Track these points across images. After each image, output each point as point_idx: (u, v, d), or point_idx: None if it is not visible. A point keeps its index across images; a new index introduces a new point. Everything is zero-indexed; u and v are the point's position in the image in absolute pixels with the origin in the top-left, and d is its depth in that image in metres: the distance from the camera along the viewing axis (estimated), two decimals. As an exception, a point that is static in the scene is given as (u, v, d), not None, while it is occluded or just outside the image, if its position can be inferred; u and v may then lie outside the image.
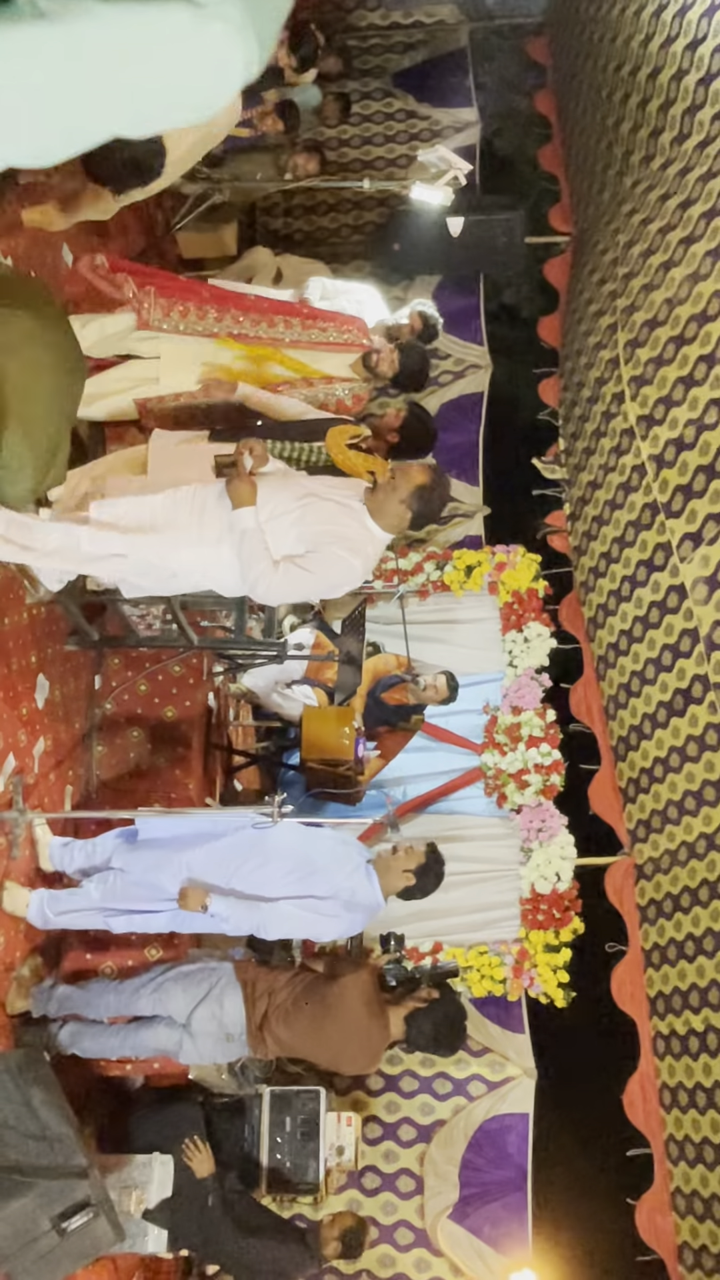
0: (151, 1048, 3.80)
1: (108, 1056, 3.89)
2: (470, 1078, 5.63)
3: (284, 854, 3.56)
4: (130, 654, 4.61)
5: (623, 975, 5.56)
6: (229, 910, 3.46)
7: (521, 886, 5.74)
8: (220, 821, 3.71)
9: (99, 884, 3.63)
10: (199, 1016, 3.70)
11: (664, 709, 5.36)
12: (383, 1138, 5.53)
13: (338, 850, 3.64)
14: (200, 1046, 3.72)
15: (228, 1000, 3.71)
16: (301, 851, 3.59)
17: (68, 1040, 3.78)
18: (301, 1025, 3.64)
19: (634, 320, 5.63)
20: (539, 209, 7.38)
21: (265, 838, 3.54)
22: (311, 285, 5.08)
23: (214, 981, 3.76)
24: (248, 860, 3.53)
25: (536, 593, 6.27)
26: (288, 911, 3.48)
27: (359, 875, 3.58)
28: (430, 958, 5.63)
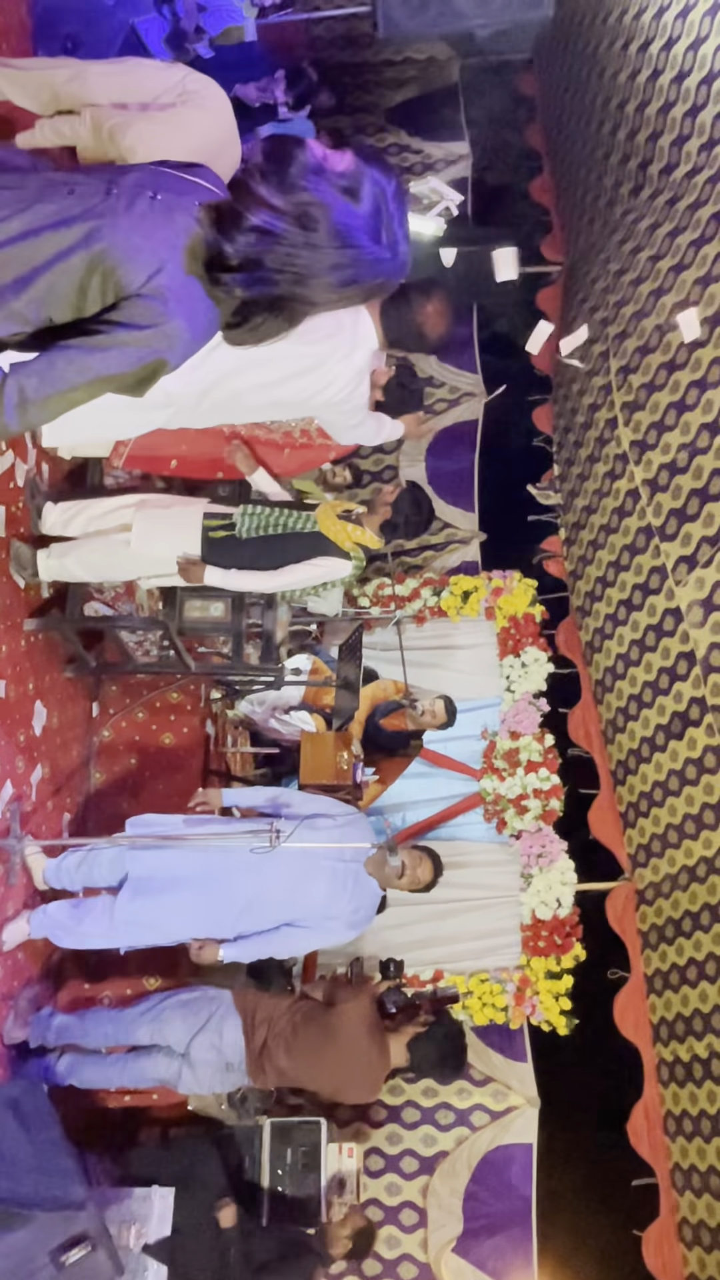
0: (150, 1078, 3.77)
1: (106, 1087, 3.86)
2: (473, 1107, 5.57)
3: (285, 881, 3.56)
4: (128, 681, 4.63)
5: (625, 1002, 5.52)
6: (241, 952, 3.49)
7: (522, 913, 5.72)
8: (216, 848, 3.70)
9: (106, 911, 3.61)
10: (198, 1045, 3.67)
11: (662, 732, 5.36)
12: (385, 1170, 5.46)
13: (336, 868, 3.63)
14: (199, 1076, 3.69)
15: (227, 1029, 3.68)
16: (303, 875, 3.59)
17: (65, 1070, 3.75)
18: (301, 1054, 3.62)
19: (625, 347, 5.70)
20: (530, 239, 7.47)
21: (265, 867, 3.53)
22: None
23: (213, 1010, 3.74)
24: (253, 899, 3.54)
25: (533, 617, 6.29)
26: (293, 932, 3.50)
27: (360, 890, 3.59)
28: (431, 985, 5.60)
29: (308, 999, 3.83)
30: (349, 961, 5.01)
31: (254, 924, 3.61)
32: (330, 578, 3.88)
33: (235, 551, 3.83)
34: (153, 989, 4.14)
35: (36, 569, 3.86)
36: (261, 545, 3.83)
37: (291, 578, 3.85)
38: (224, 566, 3.82)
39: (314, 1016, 3.67)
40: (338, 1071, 3.64)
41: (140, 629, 4.11)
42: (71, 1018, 3.79)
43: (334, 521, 3.84)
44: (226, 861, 3.58)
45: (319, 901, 3.55)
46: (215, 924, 3.62)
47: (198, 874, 3.59)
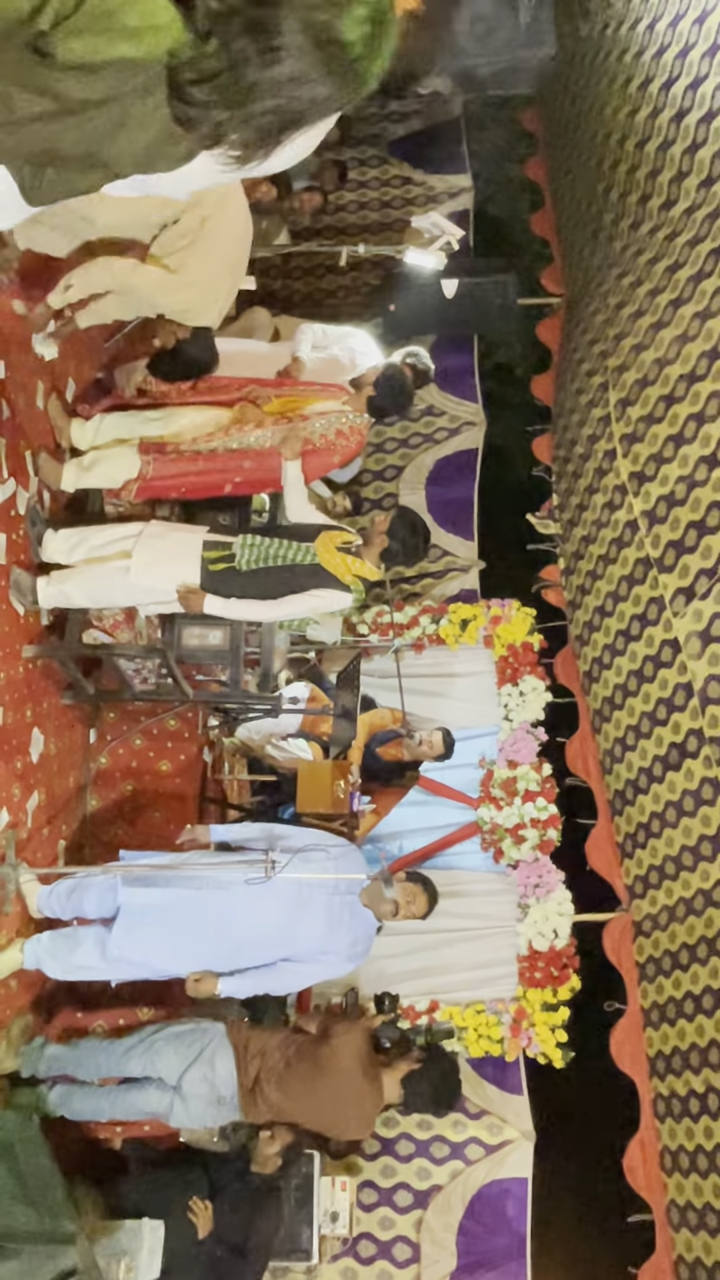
0: (142, 1110, 3.74)
1: (97, 1119, 3.83)
2: (468, 1141, 5.52)
3: (282, 916, 3.55)
4: (125, 707, 4.63)
5: (621, 1035, 5.48)
6: (239, 987, 3.48)
7: (519, 943, 5.69)
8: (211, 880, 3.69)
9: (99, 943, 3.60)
10: (190, 1078, 3.65)
11: (659, 763, 5.36)
12: (378, 1203, 5.40)
13: (332, 901, 3.62)
14: (191, 1109, 3.67)
15: (219, 1062, 3.66)
16: (299, 910, 3.57)
17: (57, 1101, 3.73)
18: (294, 1088, 3.59)
19: (625, 379, 5.74)
20: (531, 271, 7.55)
21: (262, 901, 3.52)
22: (303, 334, 5.19)
23: (205, 1043, 3.71)
24: (248, 933, 3.53)
25: (531, 646, 6.30)
26: (291, 968, 3.49)
27: (357, 922, 3.58)
28: (427, 1016, 5.56)
29: (301, 1032, 3.81)
30: (344, 992, 5.00)
31: (249, 962, 3.59)
32: (329, 609, 3.91)
33: (234, 582, 3.84)
34: (145, 1020, 4.12)
35: (36, 596, 3.88)
36: (261, 576, 3.85)
37: (291, 608, 3.86)
38: (224, 596, 3.83)
39: (307, 1051, 3.64)
40: (330, 1107, 3.61)
41: (139, 657, 4.12)
42: (64, 1048, 3.76)
43: (333, 554, 3.86)
44: (221, 899, 3.56)
45: (316, 936, 3.53)
46: (210, 958, 3.61)
47: (192, 911, 3.57)
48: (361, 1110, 3.60)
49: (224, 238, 3.87)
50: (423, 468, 7.09)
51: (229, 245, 3.92)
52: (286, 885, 3.55)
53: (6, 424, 3.78)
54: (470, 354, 7.33)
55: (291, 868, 3.45)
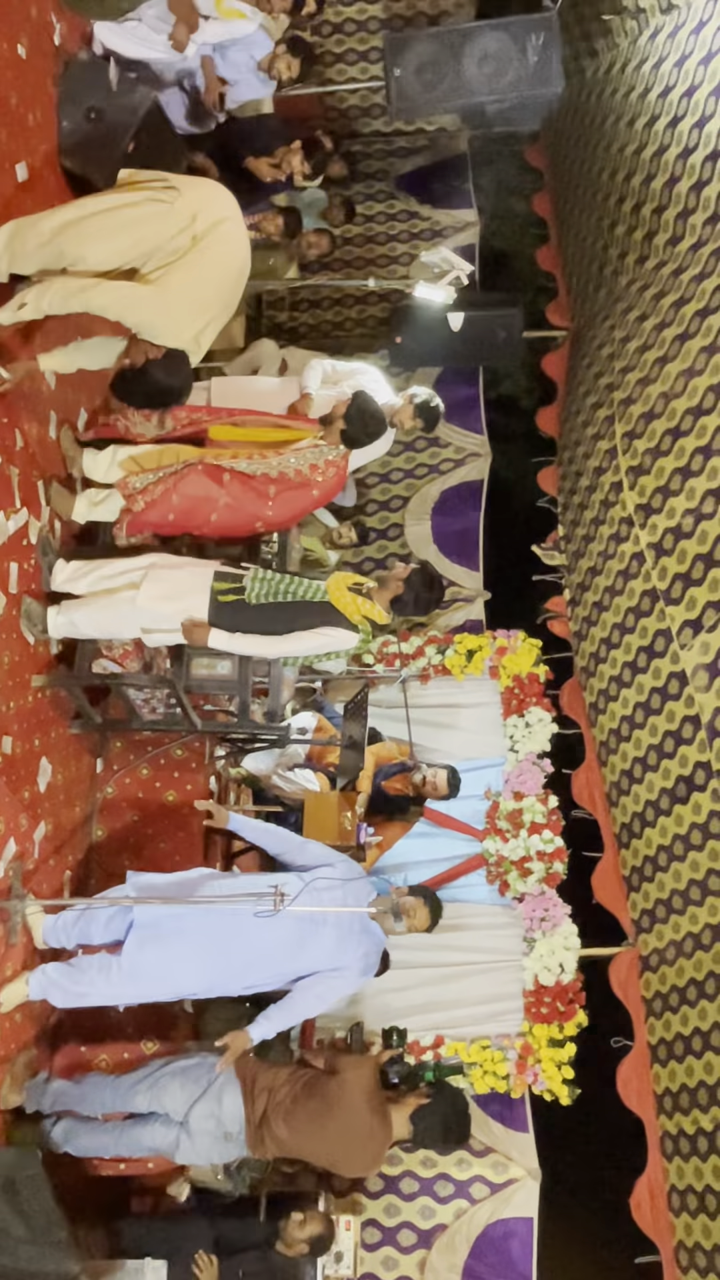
0: (147, 1146, 3.71)
1: (101, 1155, 3.79)
2: (472, 1179, 5.46)
3: (293, 944, 3.55)
4: (133, 737, 4.63)
5: (629, 1072, 5.43)
6: (269, 1030, 3.51)
7: (524, 978, 5.65)
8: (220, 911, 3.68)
9: (103, 970, 3.58)
10: (197, 1114, 3.62)
11: (667, 796, 5.35)
12: (381, 1243, 5.33)
13: (341, 924, 3.62)
14: (198, 1145, 3.63)
15: (226, 1097, 3.63)
16: (310, 937, 3.58)
17: (61, 1137, 3.69)
18: (302, 1124, 3.56)
19: (631, 413, 5.79)
20: (536, 305, 7.63)
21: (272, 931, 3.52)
22: (312, 369, 5.22)
23: (213, 1078, 3.68)
24: (258, 961, 3.53)
25: (538, 677, 6.30)
26: (313, 990, 3.48)
27: (367, 941, 3.58)
28: (432, 1051, 5.52)
29: (308, 1067, 3.78)
30: (349, 1027, 4.95)
31: (262, 976, 3.57)
32: (336, 648, 3.91)
33: (243, 615, 3.86)
34: (150, 1053, 4.09)
35: (46, 625, 3.89)
36: (270, 611, 3.86)
37: (297, 645, 3.87)
38: (230, 630, 3.84)
39: (315, 1086, 3.61)
40: (338, 1143, 3.58)
41: (148, 687, 4.13)
42: (69, 1084, 3.73)
43: (344, 593, 3.87)
44: (233, 914, 3.56)
45: (328, 950, 3.52)
46: (223, 974, 3.59)
47: (204, 923, 3.57)
48: (370, 1147, 3.57)
49: (215, 265, 3.72)
50: (428, 498, 7.13)
51: (219, 273, 3.75)
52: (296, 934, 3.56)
53: (20, 454, 3.81)
54: (476, 386, 7.39)
55: (302, 898, 3.44)
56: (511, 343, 6.90)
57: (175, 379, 3.65)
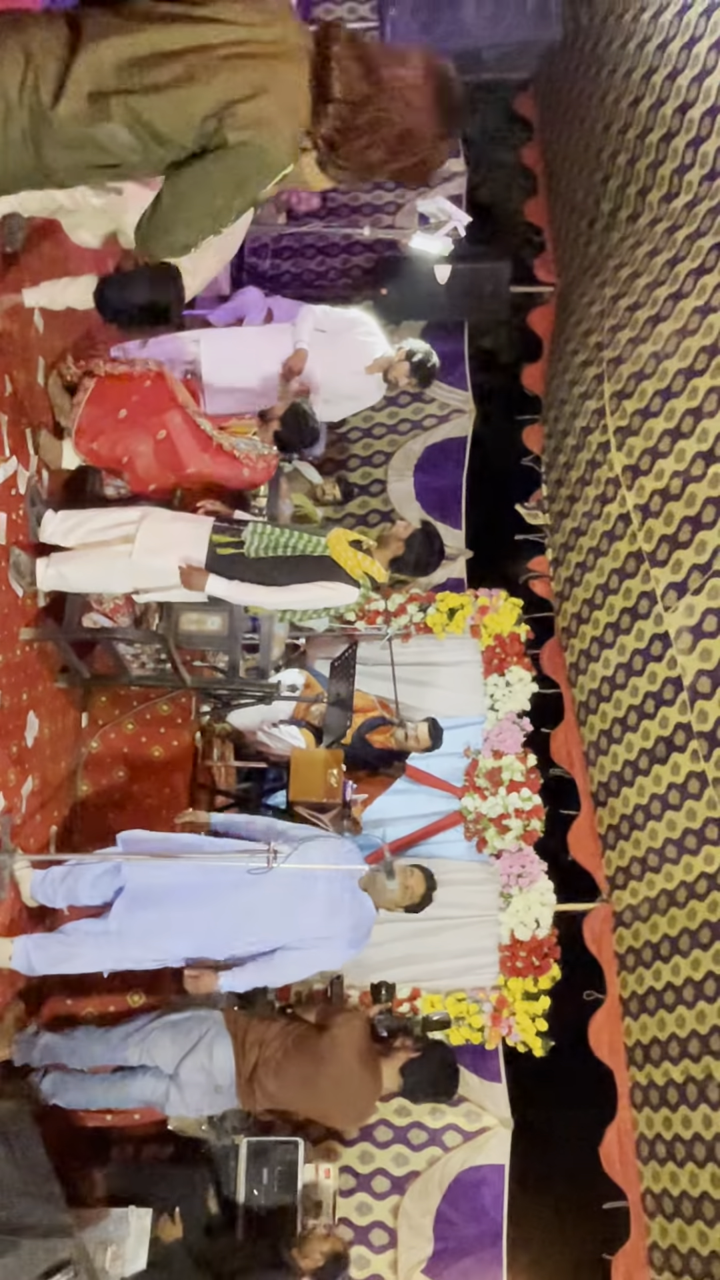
0: (137, 1099, 3.73)
1: (90, 1107, 3.81)
2: (446, 1127, 5.56)
3: (282, 903, 3.54)
4: (118, 692, 4.57)
5: (600, 1024, 5.55)
6: (240, 981, 3.46)
7: (501, 933, 5.73)
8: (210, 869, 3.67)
9: (90, 935, 3.56)
10: (187, 1067, 3.64)
11: (646, 756, 5.41)
12: (356, 1189, 5.43)
13: (331, 889, 3.63)
14: (188, 1098, 3.66)
15: (217, 1051, 3.65)
16: (299, 896, 3.57)
17: (50, 1090, 3.70)
18: (292, 1078, 3.60)
19: (621, 372, 5.75)
20: (522, 259, 7.52)
21: (262, 888, 3.51)
22: (303, 317, 5.12)
23: (203, 1031, 3.70)
24: (247, 917, 3.51)
25: (519, 637, 6.32)
26: (291, 961, 3.46)
27: (357, 908, 3.59)
28: (409, 1004, 5.59)
29: (299, 1021, 3.81)
30: (328, 980, 5.00)
31: (251, 941, 3.57)
32: (335, 603, 3.88)
33: (242, 567, 3.81)
34: (136, 1006, 4.10)
35: (35, 578, 3.81)
36: (269, 564, 3.82)
37: (296, 596, 3.84)
38: (227, 578, 3.79)
39: (306, 1041, 3.64)
40: (329, 1097, 3.62)
41: (139, 642, 4.07)
42: (58, 1037, 3.73)
43: (346, 548, 3.83)
44: (223, 880, 3.55)
45: (316, 921, 3.53)
46: (211, 939, 3.59)
47: (195, 887, 3.56)
48: (360, 1100, 3.62)
49: None
50: (411, 455, 7.06)
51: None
52: (287, 872, 3.54)
53: (7, 401, 3.70)
54: (461, 341, 7.30)
55: (295, 858, 3.44)
56: (499, 297, 6.83)
57: (167, 293, 3.46)
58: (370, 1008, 3.98)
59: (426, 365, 5.08)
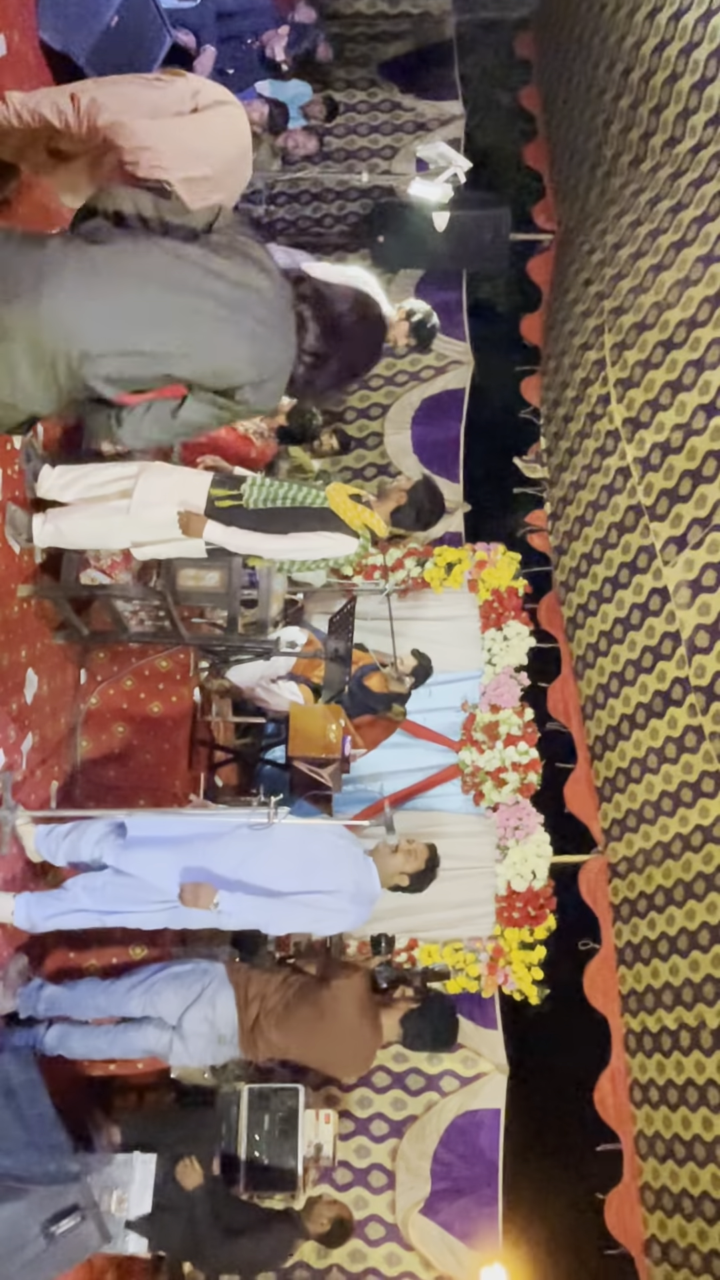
0: (141, 1049, 3.76)
1: (94, 1057, 3.85)
2: (443, 1073, 5.66)
3: (286, 849, 3.54)
4: (116, 648, 4.54)
5: (595, 973, 5.63)
6: (237, 907, 3.44)
7: (497, 884, 5.78)
8: (213, 823, 3.68)
9: (88, 889, 3.57)
10: (191, 1018, 3.67)
11: (643, 710, 5.42)
12: (355, 1133, 5.54)
13: (337, 844, 3.64)
14: (191, 1048, 3.70)
15: (220, 1002, 3.68)
16: (303, 846, 3.58)
17: (54, 1042, 3.73)
18: (294, 1029, 3.63)
19: (622, 323, 5.66)
20: (521, 205, 7.39)
21: (265, 834, 3.52)
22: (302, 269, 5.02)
23: (206, 983, 3.73)
24: (250, 857, 3.51)
25: (516, 591, 6.30)
26: (293, 906, 3.47)
27: (361, 868, 3.59)
28: (406, 954, 5.66)
29: (300, 973, 3.84)
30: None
31: (250, 888, 3.56)
32: (334, 553, 3.84)
33: (240, 518, 3.78)
34: (138, 958, 4.12)
35: (31, 534, 3.76)
36: (268, 515, 3.78)
37: (296, 544, 3.80)
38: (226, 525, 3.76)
39: (307, 993, 3.68)
40: (330, 1047, 3.66)
41: (138, 599, 4.04)
42: (61, 989, 3.76)
43: (346, 500, 3.79)
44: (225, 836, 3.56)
45: (322, 872, 3.52)
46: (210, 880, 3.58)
47: (196, 843, 3.57)
48: (361, 1050, 3.66)
49: (215, 131, 3.40)
50: (408, 406, 6.99)
51: (219, 140, 3.42)
52: (290, 840, 3.55)
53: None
54: (459, 290, 7.20)
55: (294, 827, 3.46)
56: (498, 245, 6.72)
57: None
58: (370, 959, 4.01)
59: (427, 326, 5.02)
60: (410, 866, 3.67)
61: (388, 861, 3.66)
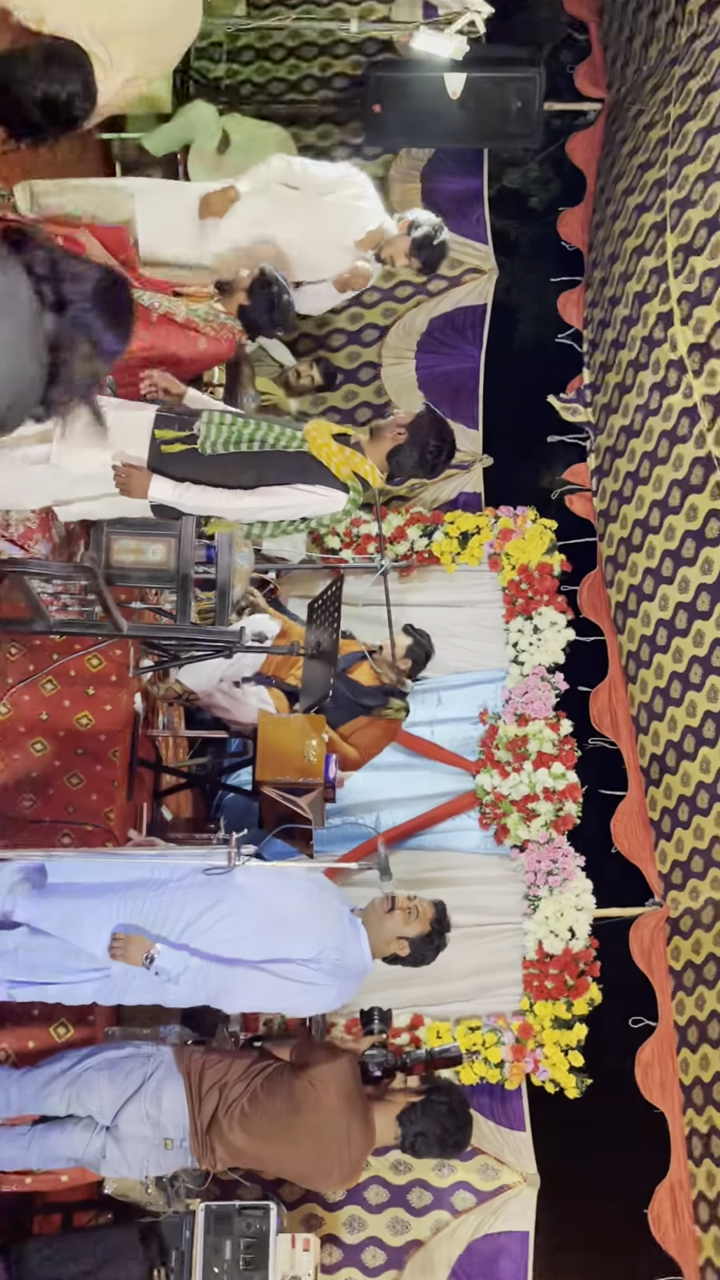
0: (65, 1156, 3.82)
1: (6, 1169, 3.92)
2: (454, 1186, 5.75)
3: (250, 903, 3.59)
4: (31, 641, 4.58)
5: (650, 1057, 5.71)
6: (180, 966, 3.48)
7: (525, 945, 5.86)
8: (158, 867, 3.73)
9: None
10: (128, 1117, 3.72)
11: (712, 721, 5.49)
12: (343, 1264, 5.63)
13: (315, 898, 3.69)
14: (130, 1154, 3.75)
15: (166, 1096, 3.73)
16: (271, 900, 3.63)
17: (-46, 1147, 3.81)
18: (263, 1130, 3.69)
19: (688, 219, 5.72)
20: (560, 66, 7.43)
21: (224, 882, 3.58)
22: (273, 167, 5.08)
23: (148, 1071, 3.78)
24: (204, 911, 3.56)
25: (551, 569, 6.35)
26: (255, 977, 3.52)
27: (346, 931, 3.64)
28: (408, 1033, 5.73)
29: (271, 1058, 3.91)
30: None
31: (205, 938, 3.61)
32: (318, 511, 3.88)
33: (196, 468, 3.80)
34: (63, 1041, 4.19)
35: None
36: (232, 463, 3.80)
37: (267, 502, 3.82)
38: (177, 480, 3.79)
39: (278, 1082, 3.74)
40: (309, 1153, 3.72)
41: (59, 577, 4.09)
42: (-38, 1082, 3.83)
43: (329, 443, 3.82)
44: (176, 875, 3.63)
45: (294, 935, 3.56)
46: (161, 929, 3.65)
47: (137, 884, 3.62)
48: (347, 1156, 3.71)
49: None
50: (412, 330, 7.03)
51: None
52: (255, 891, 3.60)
53: None
54: (479, 176, 7.23)
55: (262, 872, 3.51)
56: (528, 117, 6.74)
57: (64, 83, 3.40)
58: (359, 1039, 4.07)
59: (433, 243, 5.09)
60: (411, 930, 3.71)
61: (382, 924, 3.70)
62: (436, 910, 3.81)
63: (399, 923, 3.72)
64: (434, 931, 3.77)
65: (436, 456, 4.08)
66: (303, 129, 7.21)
